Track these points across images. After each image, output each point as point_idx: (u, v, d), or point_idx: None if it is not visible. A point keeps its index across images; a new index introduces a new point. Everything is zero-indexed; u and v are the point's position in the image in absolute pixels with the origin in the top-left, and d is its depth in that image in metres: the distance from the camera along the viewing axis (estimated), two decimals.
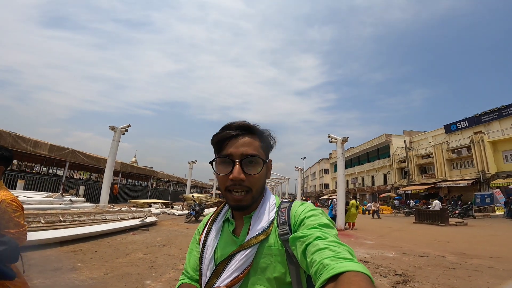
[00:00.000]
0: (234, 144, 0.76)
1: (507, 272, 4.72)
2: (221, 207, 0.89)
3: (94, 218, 7.37)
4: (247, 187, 0.75)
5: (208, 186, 53.24)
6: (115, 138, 13.14)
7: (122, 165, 20.79)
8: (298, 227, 0.70)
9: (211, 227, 0.84)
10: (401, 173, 33.15)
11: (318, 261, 0.54)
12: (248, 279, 0.71)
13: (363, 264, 0.51)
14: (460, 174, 25.45)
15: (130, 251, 5.43)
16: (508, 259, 5.79)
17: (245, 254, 0.71)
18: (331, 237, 0.61)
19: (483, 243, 8.36)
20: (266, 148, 0.83)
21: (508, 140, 21.93)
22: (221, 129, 0.80)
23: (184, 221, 11.43)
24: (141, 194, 24.17)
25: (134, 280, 3.77)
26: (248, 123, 0.80)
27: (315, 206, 0.78)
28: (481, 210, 20.73)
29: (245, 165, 0.75)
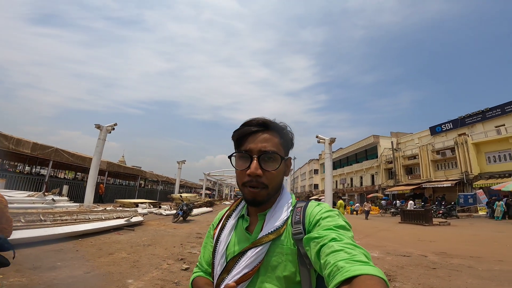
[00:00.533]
0: (253, 140, 0.77)
1: (486, 272, 4.81)
2: (237, 203, 0.90)
3: (76, 217, 7.20)
4: (263, 183, 0.75)
5: (198, 186, 52.86)
6: (101, 136, 12.90)
7: (109, 164, 20.38)
8: (313, 227, 0.70)
9: (226, 223, 0.84)
10: (388, 174, 33.78)
11: (333, 263, 0.52)
12: (258, 277, 0.72)
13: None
14: (444, 175, 26.10)
15: (113, 251, 5.33)
16: (487, 259, 5.92)
17: (256, 252, 0.71)
18: (347, 239, 0.60)
19: (464, 243, 8.55)
20: (286, 146, 0.82)
21: (491, 142, 22.64)
22: (242, 125, 0.81)
23: (171, 221, 11.30)
24: (128, 194, 23.75)
25: (115, 279, 3.71)
26: (268, 119, 0.80)
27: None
28: (464, 210, 21.33)
29: (263, 161, 0.75)
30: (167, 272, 4.35)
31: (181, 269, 4.58)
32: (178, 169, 27.45)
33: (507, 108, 23.10)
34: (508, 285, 4.03)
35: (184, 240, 7.37)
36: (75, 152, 17.33)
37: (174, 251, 5.93)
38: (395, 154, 31.60)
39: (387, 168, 33.67)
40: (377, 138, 36.13)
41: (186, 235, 8.28)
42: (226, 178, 45.79)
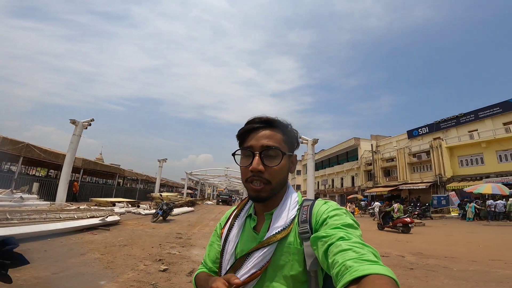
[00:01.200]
0: (255, 136, 0.78)
1: (461, 273, 4.94)
2: (244, 202, 0.90)
3: (46, 216, 6.76)
4: (266, 179, 0.75)
5: (180, 185, 51.86)
6: (76, 132, 12.28)
7: (84, 161, 19.48)
8: (320, 226, 0.69)
9: (234, 222, 0.85)
10: (367, 176, 34.72)
11: (341, 263, 0.52)
12: (266, 276, 0.72)
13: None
14: (419, 177, 27.16)
15: (85, 251, 5.03)
16: (461, 259, 6.11)
17: (263, 252, 0.71)
18: (355, 238, 0.59)
19: (439, 243, 8.84)
20: (290, 142, 0.82)
21: (464, 146, 23.82)
22: (245, 123, 0.82)
23: (150, 221, 10.93)
24: (105, 193, 22.82)
25: (86, 280, 3.48)
26: (271, 117, 0.81)
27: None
28: (438, 212, 22.27)
29: (265, 157, 0.76)
30: (144, 273, 4.14)
31: (159, 270, 4.38)
32: (159, 167, 26.77)
33: (480, 114, 24.39)
34: (482, 285, 4.14)
35: (163, 240, 7.12)
36: (47, 148, 16.43)
37: (152, 251, 5.69)
38: (375, 157, 32.56)
39: (366, 170, 34.60)
40: (358, 140, 37.08)
41: (165, 235, 8.01)
42: (209, 178, 45.30)
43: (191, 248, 6.43)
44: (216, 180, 49.87)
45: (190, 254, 5.77)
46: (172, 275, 4.21)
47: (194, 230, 9.50)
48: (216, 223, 4.14)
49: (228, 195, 41.43)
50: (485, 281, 4.38)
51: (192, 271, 4.50)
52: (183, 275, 4.30)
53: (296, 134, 0.85)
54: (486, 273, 4.86)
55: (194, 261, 5.21)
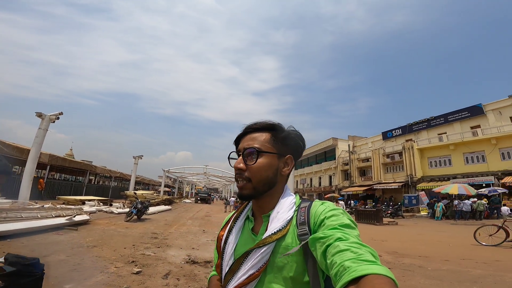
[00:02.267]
0: (243, 140, 0.83)
1: (435, 272, 5.05)
2: (244, 205, 0.91)
3: (6, 215, 6.17)
4: (247, 177, 0.78)
5: (157, 183, 50.37)
6: (42, 126, 11.42)
7: (51, 157, 18.20)
8: (318, 227, 0.69)
9: (234, 224, 0.86)
10: (344, 175, 35.64)
11: (339, 263, 0.52)
12: (265, 277, 0.72)
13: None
14: (392, 177, 28.28)
15: (49, 253, 4.60)
16: (434, 259, 6.27)
17: (260, 252, 0.71)
18: (353, 238, 0.59)
19: (412, 242, 9.07)
20: (281, 143, 0.82)
21: (433, 148, 25.09)
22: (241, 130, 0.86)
23: (124, 220, 10.39)
24: (75, 191, 21.54)
25: (49, 284, 3.14)
26: (262, 121, 0.84)
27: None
28: (409, 211, 23.29)
29: (246, 157, 0.79)
30: (115, 276, 3.83)
31: (131, 272, 4.09)
32: (134, 164, 25.79)
33: (449, 118, 25.83)
34: (457, 285, 4.24)
35: (137, 240, 6.75)
36: (10, 143, 15.13)
37: (124, 252, 5.34)
38: (351, 157, 33.51)
39: (343, 169, 35.52)
40: (336, 140, 37.99)
41: (139, 235, 7.61)
42: (187, 176, 44.37)
43: (167, 248, 6.13)
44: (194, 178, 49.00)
45: (166, 255, 5.49)
46: (146, 278, 3.94)
47: (170, 230, 9.14)
48: (194, 222, 3.91)
49: (207, 193, 40.78)
50: (459, 281, 4.48)
51: (169, 274, 4.26)
52: (159, 277, 4.04)
53: (295, 134, 0.85)
54: (459, 273, 4.99)
55: (170, 262, 4.94)
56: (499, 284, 4.20)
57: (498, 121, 22.15)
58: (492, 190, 18.13)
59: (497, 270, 5.07)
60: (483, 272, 4.94)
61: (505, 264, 5.53)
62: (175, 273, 4.31)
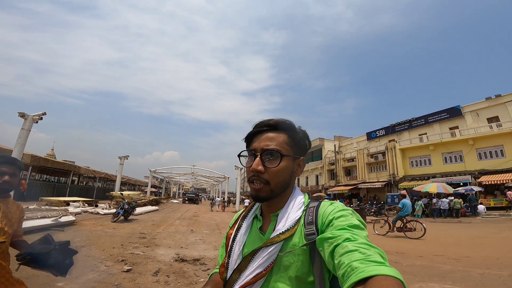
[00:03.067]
0: (258, 139, 0.81)
1: (409, 268, 5.34)
2: (252, 204, 0.91)
3: None
4: (265, 179, 0.76)
5: (143, 183, 49.49)
6: (25, 126, 11.11)
7: (33, 158, 17.70)
8: (326, 227, 0.69)
9: (242, 223, 0.86)
10: (330, 175, 36.34)
11: (347, 264, 0.52)
12: (271, 277, 0.72)
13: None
14: (376, 177, 29.10)
15: None
16: (409, 255, 6.60)
17: (268, 251, 0.72)
18: (361, 239, 0.59)
19: (391, 239, 9.44)
20: (295, 145, 0.82)
21: (414, 148, 26.06)
22: (253, 127, 0.84)
23: (110, 221, 10.34)
24: (58, 192, 21.00)
25: (41, 282, 3.23)
26: (276, 119, 0.82)
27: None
28: (391, 209, 24.07)
29: (265, 158, 0.78)
30: (106, 274, 3.94)
31: (122, 270, 4.20)
32: (120, 164, 25.32)
33: (430, 119, 26.89)
34: (428, 279, 4.52)
35: (125, 240, 6.81)
36: None
37: (113, 252, 5.42)
38: (337, 157, 34.20)
39: (329, 169, 36.21)
40: (323, 141, 38.67)
41: (127, 235, 7.66)
42: (175, 176, 43.93)
43: (156, 248, 6.24)
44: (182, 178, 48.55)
45: (155, 254, 5.60)
46: (136, 275, 4.07)
47: (158, 230, 9.20)
48: (182, 222, 4.17)
49: (195, 193, 40.62)
50: (429, 275, 4.77)
51: (158, 271, 4.39)
52: (149, 275, 4.17)
53: (305, 135, 0.86)
54: (431, 268, 5.30)
55: (159, 261, 5.07)
56: (466, 279, 4.50)
57: (475, 122, 23.23)
58: (469, 189, 18.96)
59: (466, 266, 5.40)
60: (453, 268, 5.27)
61: (474, 260, 5.91)
62: (165, 271, 4.45)
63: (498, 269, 4.96)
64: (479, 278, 4.50)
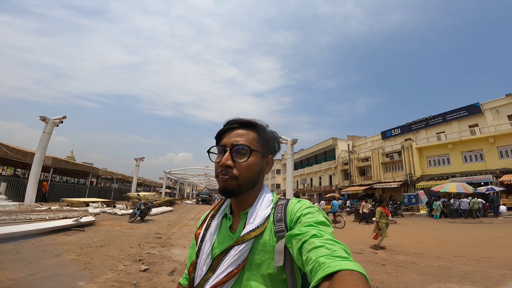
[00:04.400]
0: (228, 135, 0.82)
1: (427, 268, 5.26)
2: (220, 203, 0.91)
3: (16, 217, 6.42)
4: (233, 174, 0.77)
5: (158, 184, 50.60)
6: (46, 130, 11.68)
7: (54, 160, 18.48)
8: (294, 224, 0.70)
9: (210, 223, 0.85)
10: (344, 175, 35.80)
11: (314, 259, 0.53)
12: (243, 275, 0.72)
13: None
14: (392, 177, 28.42)
15: (60, 252, 4.86)
16: (427, 256, 6.49)
17: (239, 250, 0.72)
18: (327, 235, 0.61)
19: (408, 240, 9.31)
20: (264, 143, 0.84)
21: (432, 147, 25.26)
22: (223, 125, 0.85)
23: (127, 221, 10.64)
24: (77, 193, 21.81)
25: (64, 281, 3.39)
26: (245, 118, 0.84)
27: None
28: (408, 209, 23.43)
29: (234, 153, 0.79)
30: (124, 273, 4.08)
31: (139, 270, 4.34)
32: (136, 166, 26.06)
33: (447, 117, 26.00)
34: (446, 280, 4.44)
35: (142, 240, 7.00)
36: (14, 146, 15.39)
37: (131, 251, 5.60)
38: (351, 156, 33.67)
39: (343, 169, 35.68)
40: (336, 140, 38.15)
41: (144, 235, 7.87)
42: (188, 177, 44.58)
43: (172, 247, 6.39)
44: (195, 179, 49.22)
45: (170, 254, 5.74)
46: (153, 275, 4.19)
47: (173, 230, 9.39)
48: (196, 223, 4.27)
49: (208, 194, 41.02)
50: (448, 276, 4.68)
51: (174, 271, 4.51)
52: (165, 274, 4.29)
53: (274, 135, 0.88)
54: (450, 269, 5.20)
55: (175, 260, 5.19)
56: (486, 280, 4.39)
57: (495, 120, 22.29)
58: (490, 189, 18.27)
59: (486, 266, 5.26)
60: (472, 268, 5.14)
61: (494, 261, 5.72)
62: (180, 270, 4.56)
63: None
64: (499, 279, 4.40)
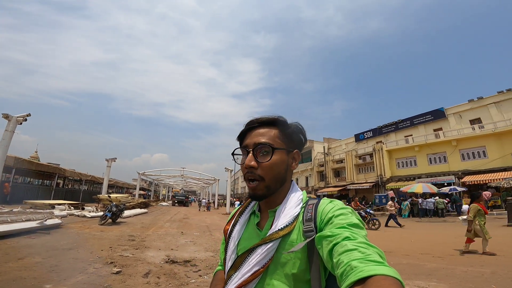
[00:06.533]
0: (250, 135, 0.79)
1: (396, 266, 5.14)
2: (250, 200, 0.89)
3: None
4: (259, 175, 0.75)
5: (131, 186, 48.61)
6: (8, 128, 10.81)
7: (17, 160, 17.19)
8: (325, 225, 0.67)
9: (238, 219, 0.84)
10: (320, 176, 36.74)
11: (346, 263, 0.51)
12: (267, 274, 0.70)
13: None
14: (364, 178, 29.56)
15: (23, 255, 4.53)
16: (396, 253, 6.71)
17: (266, 248, 0.70)
18: (361, 238, 0.58)
19: (378, 238, 9.55)
20: (288, 138, 0.81)
21: (400, 150, 26.62)
22: (245, 125, 0.83)
23: (98, 223, 10.15)
24: (42, 195, 20.39)
25: (28, 284, 3.18)
26: (267, 116, 0.82)
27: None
28: (380, 209, 24.52)
29: (258, 154, 0.76)
30: (95, 276, 3.89)
31: (111, 272, 4.15)
32: (107, 167, 24.81)
33: (415, 121, 27.56)
34: (414, 277, 4.63)
35: (114, 243, 6.71)
36: None
37: (102, 254, 5.34)
38: (326, 158, 34.61)
39: (319, 170, 36.58)
40: (312, 142, 38.97)
41: (116, 237, 7.54)
42: (164, 178, 43.32)
43: (146, 250, 6.18)
44: (171, 180, 47.90)
45: (145, 256, 5.55)
46: (126, 277, 4.03)
47: (148, 232, 9.09)
48: (172, 224, 4.22)
49: (184, 195, 40.15)
50: (416, 273, 4.87)
51: (149, 273, 4.37)
52: (139, 276, 4.14)
53: (298, 128, 0.85)
54: (417, 266, 5.40)
55: (149, 262, 5.03)
56: (450, 277, 4.61)
57: (458, 124, 23.93)
58: (453, 189, 19.53)
59: (450, 263, 5.55)
60: (437, 266, 5.40)
61: (457, 258, 6.09)
62: (155, 272, 4.42)
63: (480, 267, 5.10)
64: (462, 276, 4.60)
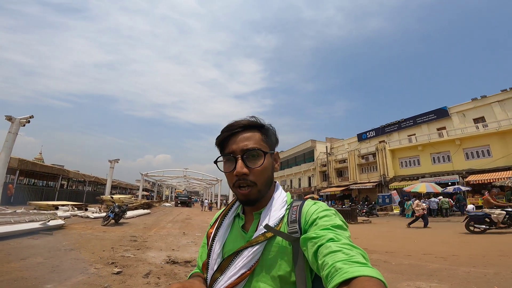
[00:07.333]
0: (235, 141, 0.77)
1: (397, 266, 5.37)
2: (233, 202, 0.89)
3: None
4: (251, 181, 0.74)
5: (134, 187, 48.95)
6: (12, 130, 10.97)
7: (21, 161, 17.36)
8: (310, 227, 0.68)
9: (222, 222, 0.83)
10: (322, 176, 36.62)
11: (331, 264, 0.52)
12: (253, 276, 0.70)
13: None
14: (367, 177, 29.42)
15: (25, 256, 4.58)
16: (398, 254, 6.65)
17: (252, 251, 0.70)
18: (344, 239, 0.59)
19: (381, 239, 9.55)
20: (269, 141, 0.82)
21: (404, 149, 26.45)
22: (222, 131, 0.80)
23: (101, 224, 10.21)
24: (46, 196, 20.57)
25: (29, 284, 3.21)
26: (248, 120, 0.80)
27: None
28: (383, 209, 24.36)
29: (247, 159, 0.75)
30: (95, 276, 3.91)
31: (112, 273, 4.17)
32: (110, 168, 25.01)
33: (418, 120, 27.38)
34: (415, 278, 4.57)
35: (116, 243, 6.74)
36: None
37: (103, 255, 5.37)
38: (329, 158, 34.51)
39: (321, 170, 36.46)
40: (314, 142, 38.94)
41: (118, 238, 7.58)
42: (167, 179, 43.48)
43: (147, 250, 6.20)
44: (174, 181, 48.10)
45: (146, 256, 5.56)
46: (127, 278, 4.05)
47: (150, 233, 9.12)
48: (174, 225, 4.22)
49: (187, 196, 40.29)
50: (417, 274, 4.82)
51: (149, 273, 4.38)
52: (139, 277, 4.16)
53: (273, 130, 0.85)
54: (419, 267, 5.35)
55: (150, 263, 5.05)
56: (452, 278, 4.56)
57: (462, 123, 23.73)
58: (457, 188, 19.36)
59: (452, 264, 5.49)
60: (440, 266, 5.34)
61: (460, 259, 6.02)
62: (156, 273, 4.43)
63: (483, 267, 5.04)
64: (465, 276, 4.54)
